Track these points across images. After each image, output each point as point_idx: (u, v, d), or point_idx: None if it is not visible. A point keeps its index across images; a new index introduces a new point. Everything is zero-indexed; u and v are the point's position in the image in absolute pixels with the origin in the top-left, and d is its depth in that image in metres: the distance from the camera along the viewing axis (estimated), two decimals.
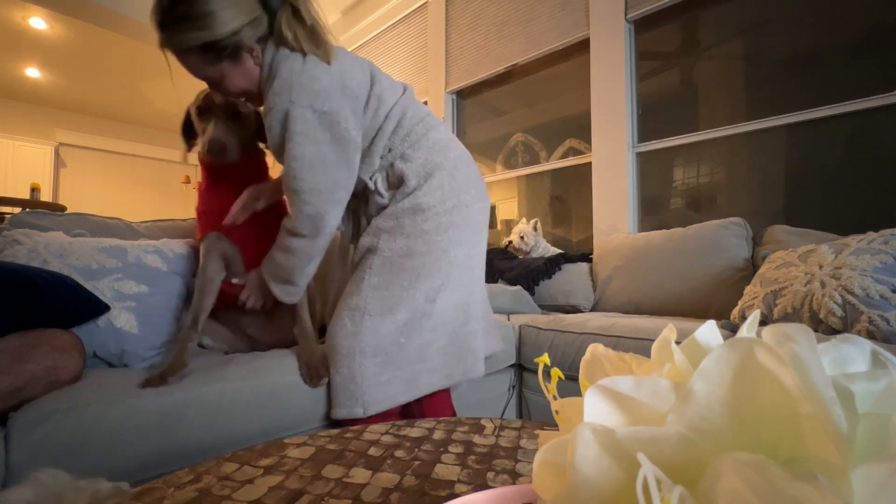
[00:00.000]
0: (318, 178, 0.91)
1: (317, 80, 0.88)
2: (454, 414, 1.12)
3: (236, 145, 1.05)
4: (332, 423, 1.04)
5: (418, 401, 1.06)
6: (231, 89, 0.92)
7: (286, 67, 0.88)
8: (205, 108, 1.04)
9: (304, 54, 0.88)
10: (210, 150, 1.01)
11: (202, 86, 1.02)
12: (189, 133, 1.11)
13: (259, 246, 1.10)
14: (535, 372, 1.48)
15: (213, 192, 1.11)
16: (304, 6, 0.89)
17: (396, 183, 1.04)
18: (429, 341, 1.02)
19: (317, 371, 0.97)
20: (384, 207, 1.05)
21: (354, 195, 1.07)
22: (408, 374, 0.99)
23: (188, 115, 1.09)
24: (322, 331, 1.36)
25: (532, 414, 1.49)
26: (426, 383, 1.01)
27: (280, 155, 0.94)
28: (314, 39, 0.89)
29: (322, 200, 0.93)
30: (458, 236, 1.03)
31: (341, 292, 1.06)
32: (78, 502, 0.45)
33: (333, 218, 0.97)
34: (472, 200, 1.06)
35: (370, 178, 1.05)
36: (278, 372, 0.94)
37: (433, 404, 1.07)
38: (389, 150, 1.03)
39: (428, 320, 1.01)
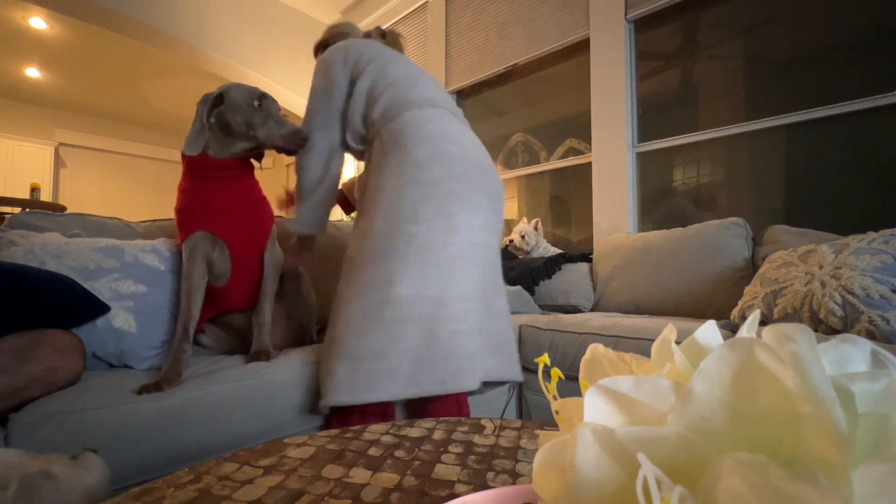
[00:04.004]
0: (308, 104, 1.16)
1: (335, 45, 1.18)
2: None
3: None
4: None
5: (423, 401, 0.99)
6: None
7: None
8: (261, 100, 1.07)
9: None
10: (298, 143, 1.07)
11: (201, 85, 1.01)
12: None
13: (249, 243, 1.09)
14: (535, 372, 1.48)
15: (197, 190, 1.05)
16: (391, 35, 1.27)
17: (370, 157, 1.10)
18: (397, 336, 0.90)
19: (257, 357, 1.03)
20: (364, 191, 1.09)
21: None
22: (363, 373, 0.88)
23: (219, 98, 1.04)
24: (319, 332, 1.37)
25: (532, 414, 1.49)
26: (385, 387, 0.88)
27: None
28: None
29: (306, 121, 1.15)
30: (413, 212, 0.95)
31: None
32: (12, 478, 0.45)
33: (312, 140, 1.12)
34: (433, 178, 0.98)
35: (358, 144, 1.14)
36: (276, 372, 0.94)
37: (441, 407, 0.99)
38: (372, 124, 1.09)
39: (389, 309, 0.91)
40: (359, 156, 1.18)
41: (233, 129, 1.04)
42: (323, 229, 1.19)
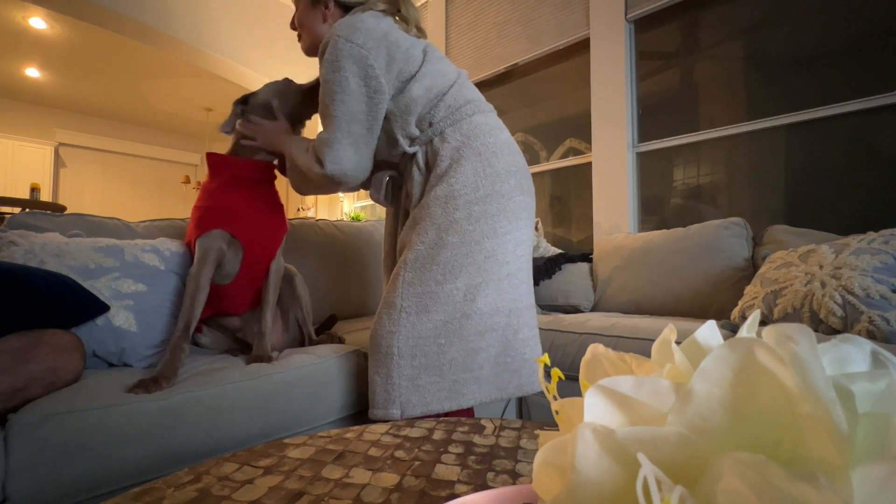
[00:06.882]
0: (337, 105, 0.96)
1: (362, 22, 0.96)
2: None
3: None
4: (332, 423, 1.04)
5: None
6: (296, 19, 1.11)
7: (347, 17, 0.99)
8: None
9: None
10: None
11: (201, 85, 1.02)
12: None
13: (262, 248, 1.10)
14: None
15: (223, 190, 1.07)
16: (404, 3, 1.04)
17: (432, 161, 1.00)
18: (477, 347, 0.94)
19: (259, 360, 1.01)
20: (421, 192, 1.01)
21: (395, 167, 1.09)
22: (449, 383, 0.92)
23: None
24: (318, 331, 1.37)
25: (532, 414, 1.49)
26: (472, 393, 0.93)
27: None
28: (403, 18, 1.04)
29: (335, 128, 0.96)
30: (493, 227, 0.95)
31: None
32: None
33: (342, 150, 0.97)
34: (509, 191, 0.98)
35: (409, 146, 1.02)
36: (276, 373, 0.94)
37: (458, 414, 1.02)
38: (430, 125, 1.00)
39: (469, 322, 0.93)
40: (391, 156, 1.07)
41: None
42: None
